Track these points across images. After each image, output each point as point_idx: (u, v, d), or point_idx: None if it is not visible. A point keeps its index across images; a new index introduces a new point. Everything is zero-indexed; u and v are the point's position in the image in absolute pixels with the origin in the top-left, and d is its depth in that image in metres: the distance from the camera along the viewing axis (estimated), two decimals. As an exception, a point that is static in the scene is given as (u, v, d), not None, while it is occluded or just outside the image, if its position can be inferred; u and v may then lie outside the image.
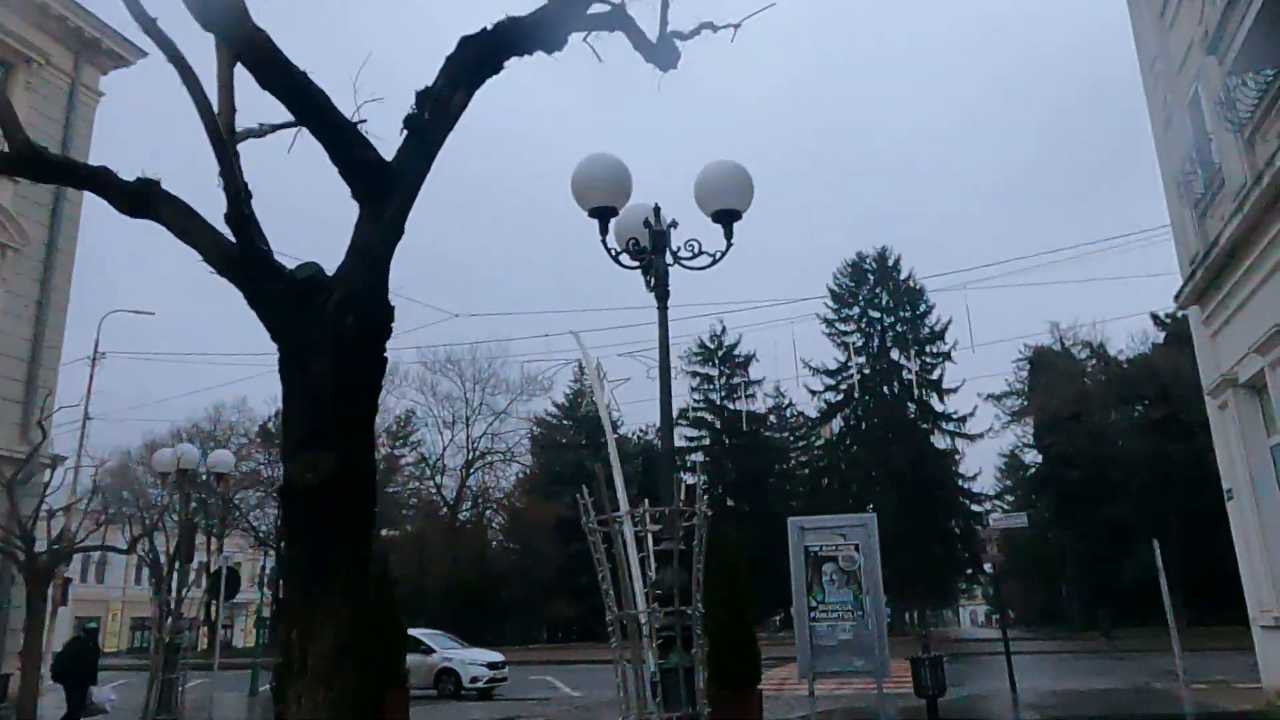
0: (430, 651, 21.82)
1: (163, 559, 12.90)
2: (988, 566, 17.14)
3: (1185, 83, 11.99)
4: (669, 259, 6.35)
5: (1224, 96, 9.88)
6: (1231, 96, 9.77)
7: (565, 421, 59.07)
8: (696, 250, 6.41)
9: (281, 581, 57.85)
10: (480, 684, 21.32)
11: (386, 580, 16.30)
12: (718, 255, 6.41)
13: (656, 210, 6.40)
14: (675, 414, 55.66)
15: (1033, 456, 52.75)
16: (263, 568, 58.03)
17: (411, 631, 23.54)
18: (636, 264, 6.36)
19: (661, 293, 6.28)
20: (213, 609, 19.39)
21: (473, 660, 21.71)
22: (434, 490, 53.76)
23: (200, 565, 53.08)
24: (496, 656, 22.48)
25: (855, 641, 10.70)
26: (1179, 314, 44.76)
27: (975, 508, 48.81)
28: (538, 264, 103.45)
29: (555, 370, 22.82)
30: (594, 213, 6.20)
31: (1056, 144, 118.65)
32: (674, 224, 6.44)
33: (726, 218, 6.36)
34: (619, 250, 6.31)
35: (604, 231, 6.25)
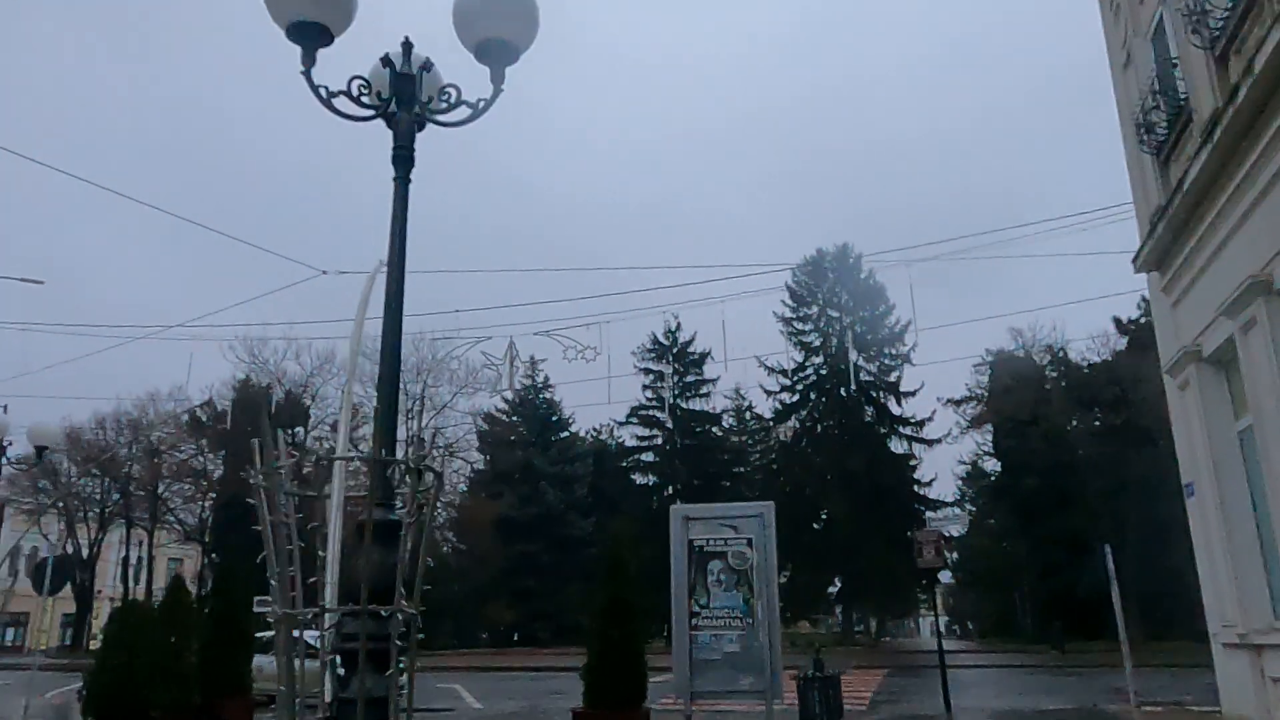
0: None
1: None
2: (923, 565, 15.31)
3: (1148, 10, 10.33)
4: (416, 110, 4.45)
5: (1192, 5, 8.17)
6: (1201, 5, 8.07)
7: (514, 418, 56.98)
8: (454, 99, 4.52)
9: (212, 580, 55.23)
10: (371, 693, 19.23)
11: (232, 581, 14.35)
12: (480, 105, 4.52)
13: (407, 48, 4.50)
14: (627, 412, 53.87)
15: (992, 464, 51.58)
16: (202, 565, 55.16)
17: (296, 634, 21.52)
18: (368, 114, 4.45)
19: (404, 156, 4.38)
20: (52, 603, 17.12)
21: (364, 667, 19.59)
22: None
23: (120, 559, 50.10)
24: (393, 663, 20.38)
25: (742, 655, 8.87)
26: (1140, 318, 43.87)
27: (932, 514, 47.34)
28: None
29: (466, 349, 20.72)
30: (295, 33, 4.28)
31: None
32: (428, 66, 4.54)
33: (496, 53, 4.48)
34: (335, 93, 4.38)
35: (309, 61, 4.33)
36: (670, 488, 50.69)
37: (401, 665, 3.84)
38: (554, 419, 57.50)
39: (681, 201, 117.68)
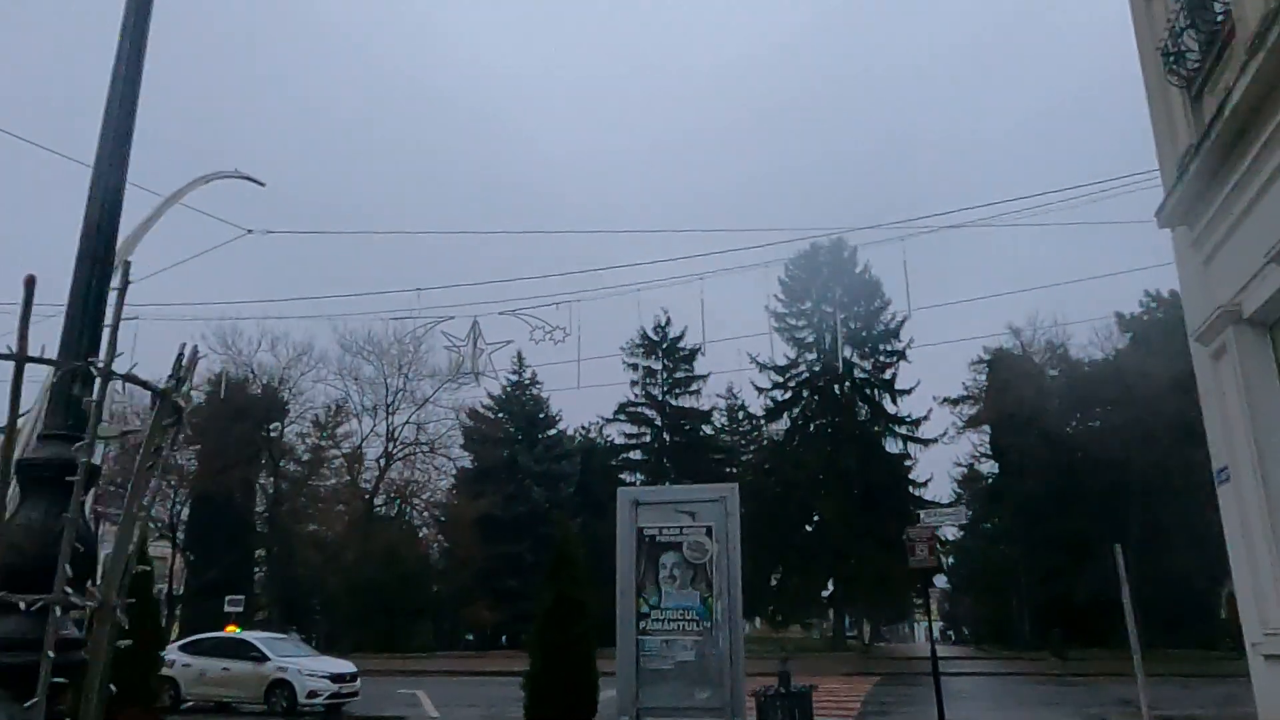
0: (263, 659, 18.27)
1: None
2: (915, 565, 13.90)
3: (1178, -78, 8.92)
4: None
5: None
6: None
7: (499, 414, 55.56)
8: None
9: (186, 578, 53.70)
10: (321, 699, 17.84)
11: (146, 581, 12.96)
12: None
13: None
14: (614, 408, 52.44)
15: (989, 466, 50.26)
16: (172, 563, 53.53)
17: (244, 635, 20.04)
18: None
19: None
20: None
21: (313, 671, 18.18)
22: (355, 483, 49.95)
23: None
24: (346, 667, 19.00)
25: (698, 665, 7.48)
26: (1143, 314, 42.51)
27: (926, 513, 45.99)
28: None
29: (427, 330, 19.29)
30: None
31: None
32: None
33: None
34: None
35: None
36: (659, 486, 49.21)
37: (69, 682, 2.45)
38: (541, 416, 56.07)
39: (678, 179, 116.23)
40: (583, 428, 57.93)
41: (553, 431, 56.14)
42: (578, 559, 9.29)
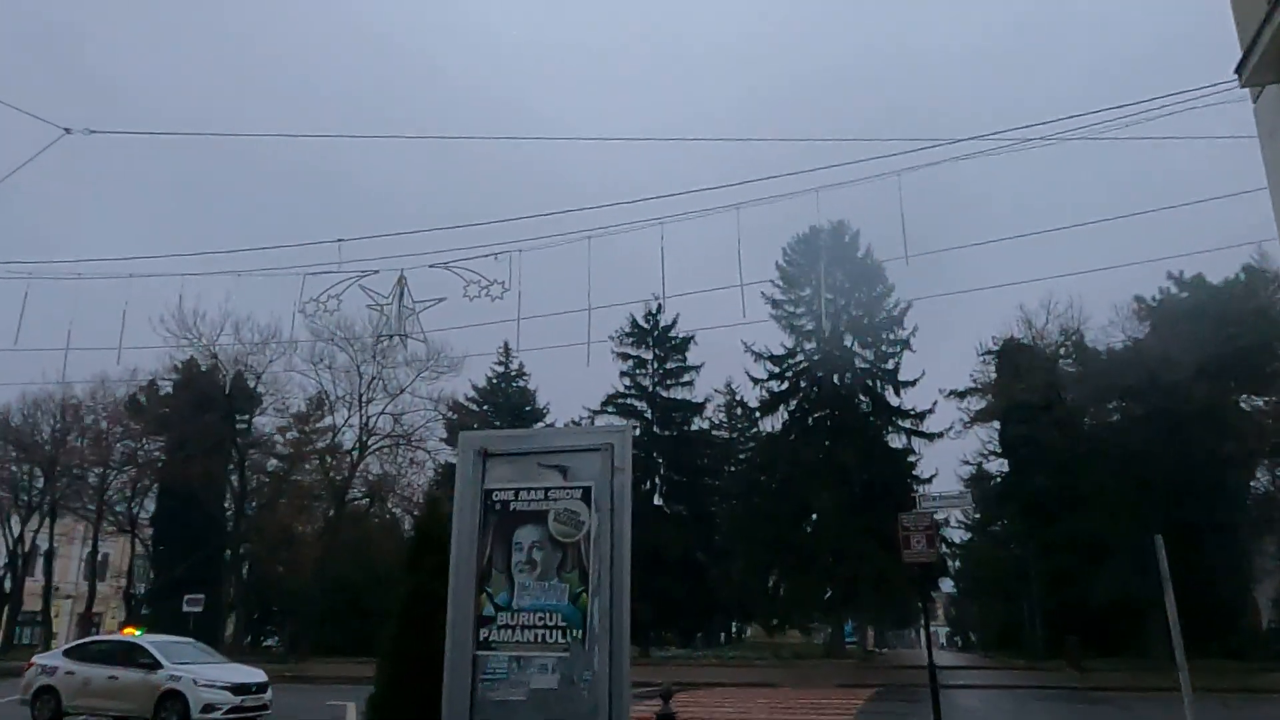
0: (153, 667, 15.74)
1: None
2: (911, 558, 11.26)
3: None
4: None
5: None
6: None
7: (484, 407, 53.07)
8: None
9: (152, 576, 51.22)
10: (219, 714, 15.31)
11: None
12: None
13: None
14: (603, 399, 49.83)
15: (998, 465, 47.43)
16: (133, 557, 50.94)
17: (137, 639, 17.51)
18: None
19: None
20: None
21: (210, 681, 15.63)
22: (328, 477, 47.43)
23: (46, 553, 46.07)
24: (253, 676, 16.47)
25: (564, 696, 4.93)
26: (1161, 299, 39.69)
27: (926, 491, 43.34)
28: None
29: (346, 287, 16.84)
30: None
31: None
32: None
33: None
34: None
35: None
36: (649, 482, 46.64)
37: None
38: (528, 409, 53.57)
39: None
40: (573, 421, 55.39)
41: (540, 425, 53.57)
42: (446, 542, 6.67)
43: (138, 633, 18.75)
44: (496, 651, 5.09)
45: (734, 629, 69.56)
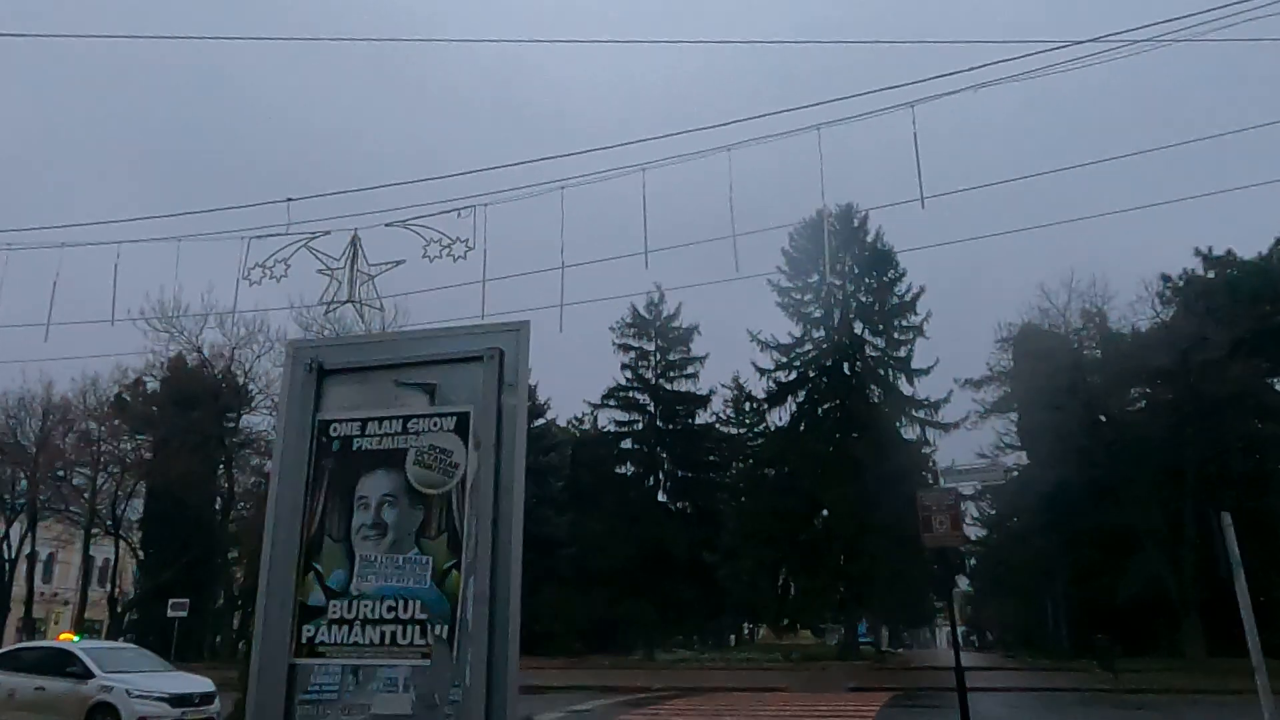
0: (84, 676, 14.11)
1: None
2: (932, 542, 9.50)
3: None
4: None
5: None
6: None
7: (482, 403, 51.40)
8: None
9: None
10: (156, 728, 13.67)
11: None
12: None
13: None
14: (604, 392, 48.08)
15: (1016, 457, 45.41)
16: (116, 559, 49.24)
17: (70, 645, 15.85)
18: None
19: None
20: None
21: (146, 691, 13.99)
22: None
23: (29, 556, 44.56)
24: (198, 685, 14.83)
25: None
26: (1189, 278, 37.58)
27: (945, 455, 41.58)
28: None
29: (294, 251, 15.25)
30: None
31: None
32: None
33: None
34: None
35: None
36: (652, 478, 44.93)
37: None
38: (528, 404, 51.90)
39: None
40: (576, 418, 53.77)
41: (541, 421, 51.91)
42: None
43: (75, 638, 17.17)
44: (325, 659, 3.39)
45: (745, 630, 67.68)
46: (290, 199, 15.64)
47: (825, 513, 41.47)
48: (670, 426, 45.89)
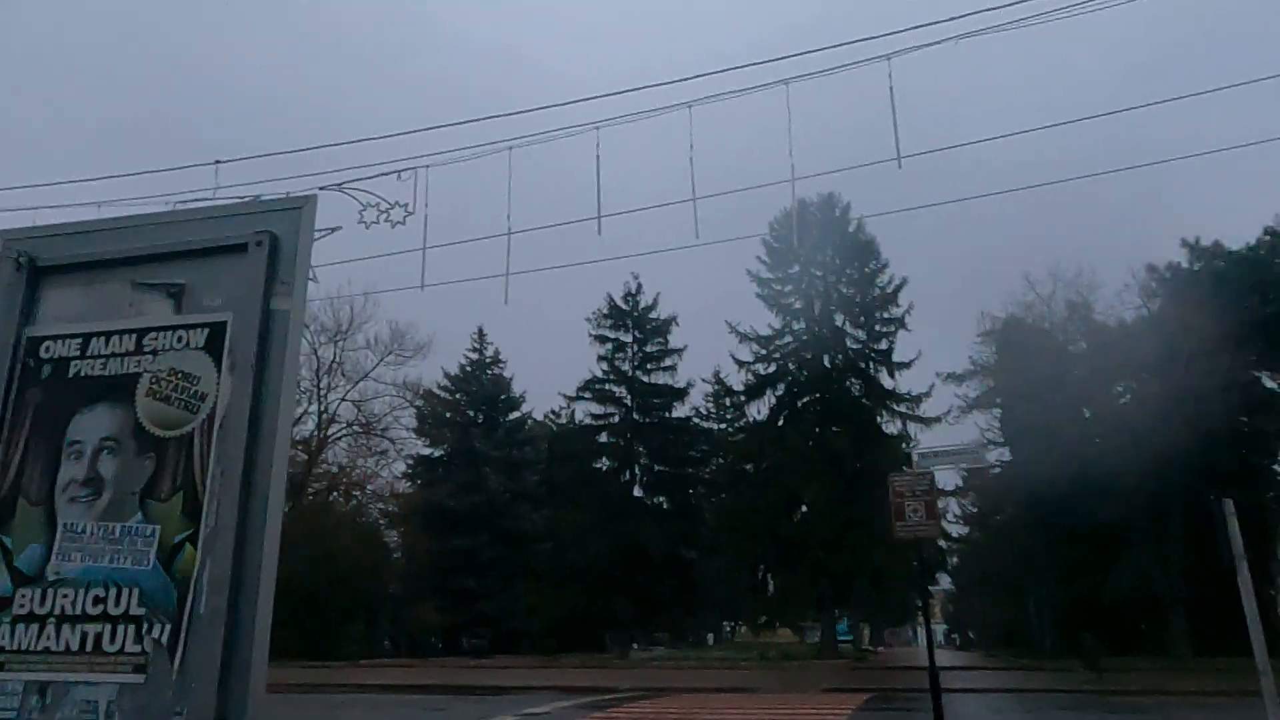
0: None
1: None
2: (904, 533, 8.47)
3: None
4: None
5: None
6: None
7: (456, 395, 50.28)
8: None
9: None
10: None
11: None
12: None
13: None
14: (580, 384, 47.03)
15: (999, 453, 44.70)
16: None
17: None
18: None
19: None
20: None
21: None
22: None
23: None
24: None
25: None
26: (1172, 266, 36.89)
27: (921, 432, 40.89)
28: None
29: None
30: None
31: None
32: None
33: None
34: None
35: None
36: (629, 472, 43.94)
37: None
38: (503, 398, 50.80)
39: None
40: (552, 412, 52.68)
41: (516, 414, 50.86)
42: None
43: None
44: (3, 672, 2.34)
45: (727, 628, 66.77)
46: (219, 161, 14.49)
47: (804, 508, 40.61)
48: (647, 420, 44.97)
